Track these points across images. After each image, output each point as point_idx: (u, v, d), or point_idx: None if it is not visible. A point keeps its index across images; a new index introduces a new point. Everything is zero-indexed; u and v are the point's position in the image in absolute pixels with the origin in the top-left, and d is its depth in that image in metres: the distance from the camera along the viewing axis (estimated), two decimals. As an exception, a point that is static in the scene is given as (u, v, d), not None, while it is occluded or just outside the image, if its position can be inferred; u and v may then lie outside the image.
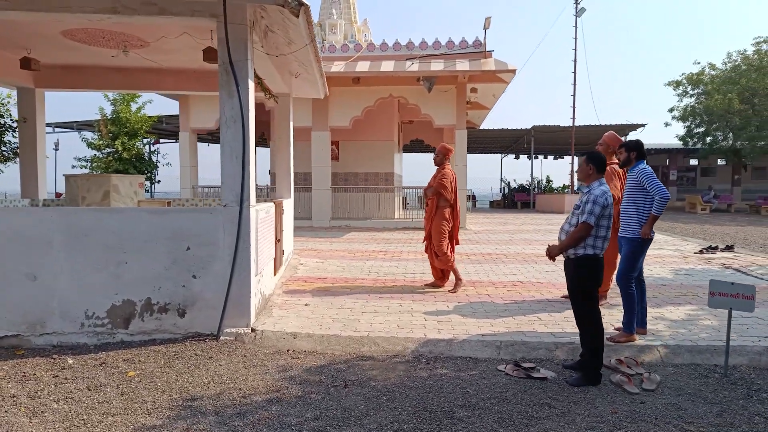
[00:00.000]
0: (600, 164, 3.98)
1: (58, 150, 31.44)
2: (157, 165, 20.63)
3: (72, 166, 18.60)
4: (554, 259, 4.04)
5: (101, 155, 18.31)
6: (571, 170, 25.18)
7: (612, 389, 3.72)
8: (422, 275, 7.36)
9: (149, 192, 20.56)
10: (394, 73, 12.92)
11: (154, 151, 21.43)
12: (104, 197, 6.16)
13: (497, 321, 5.17)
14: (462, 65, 13.03)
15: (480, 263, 8.46)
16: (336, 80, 13.13)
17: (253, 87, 5.05)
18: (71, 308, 4.62)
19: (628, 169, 4.89)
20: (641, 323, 4.72)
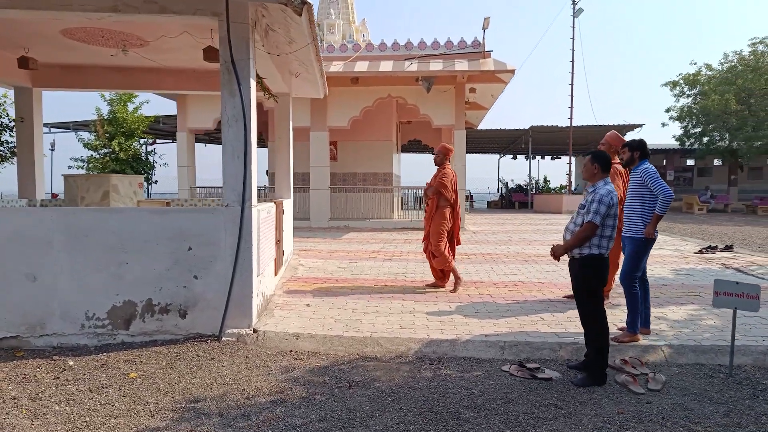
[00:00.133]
0: (605, 163, 3.98)
1: (55, 150, 31.32)
2: (154, 165, 20.57)
3: (68, 167, 18.54)
4: (559, 259, 4.04)
5: (98, 156, 18.24)
6: (569, 170, 25.24)
7: (617, 389, 3.70)
8: (423, 275, 7.34)
9: (146, 192, 20.48)
10: (393, 74, 12.90)
11: (151, 152, 21.35)
12: (104, 197, 6.13)
13: (500, 321, 5.15)
14: (461, 65, 13.01)
15: (480, 263, 8.44)
16: (334, 80, 13.09)
17: (255, 86, 5.02)
18: (71, 309, 4.58)
19: (631, 169, 4.88)
20: (645, 323, 4.71)
